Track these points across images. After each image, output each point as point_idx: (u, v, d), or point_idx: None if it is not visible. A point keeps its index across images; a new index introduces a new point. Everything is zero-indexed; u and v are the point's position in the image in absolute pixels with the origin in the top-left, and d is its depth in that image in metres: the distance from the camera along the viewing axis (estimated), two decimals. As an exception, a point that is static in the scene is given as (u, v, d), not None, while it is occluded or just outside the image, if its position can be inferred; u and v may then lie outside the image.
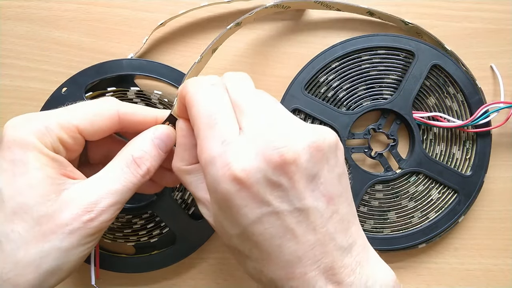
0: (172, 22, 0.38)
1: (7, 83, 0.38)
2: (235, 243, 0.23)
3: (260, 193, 0.21)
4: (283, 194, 0.21)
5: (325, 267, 0.22)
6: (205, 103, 0.23)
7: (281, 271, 0.22)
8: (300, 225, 0.22)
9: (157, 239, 0.37)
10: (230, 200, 0.21)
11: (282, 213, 0.21)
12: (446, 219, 0.38)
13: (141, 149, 0.26)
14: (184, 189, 0.37)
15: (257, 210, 0.21)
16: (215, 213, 0.23)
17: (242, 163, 0.21)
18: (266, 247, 0.22)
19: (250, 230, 0.22)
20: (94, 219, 0.24)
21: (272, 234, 0.22)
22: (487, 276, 0.39)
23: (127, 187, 0.26)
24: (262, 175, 0.21)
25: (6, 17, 0.38)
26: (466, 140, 0.39)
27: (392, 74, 0.38)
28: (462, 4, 0.40)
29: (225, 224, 0.23)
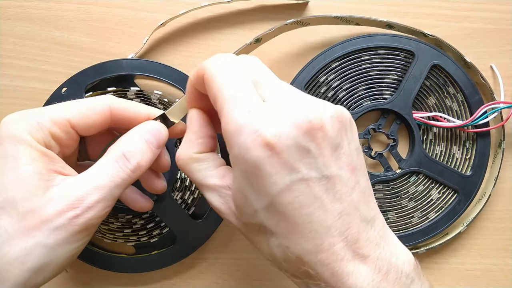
0: (172, 22, 0.38)
1: (7, 83, 0.38)
2: (260, 218, 0.22)
3: (290, 159, 0.21)
4: (311, 160, 0.21)
5: (352, 238, 0.22)
6: (228, 75, 0.23)
7: (309, 244, 0.22)
8: (328, 193, 0.22)
9: (157, 239, 0.37)
10: (260, 167, 0.21)
11: (311, 180, 0.21)
12: (446, 219, 0.38)
13: (131, 144, 0.26)
14: (184, 189, 0.37)
15: (287, 177, 0.21)
16: (239, 187, 0.23)
17: (272, 129, 0.21)
18: (295, 218, 0.21)
19: (279, 200, 0.21)
20: (79, 216, 0.24)
21: (301, 203, 0.21)
22: (487, 276, 0.39)
23: (115, 182, 0.25)
24: (292, 140, 0.21)
25: (6, 17, 0.38)
26: (466, 140, 0.39)
27: (392, 74, 0.38)
28: (462, 4, 0.40)
29: (252, 197, 0.22)
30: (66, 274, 0.38)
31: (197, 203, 0.37)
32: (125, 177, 0.25)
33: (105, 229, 0.37)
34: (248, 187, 0.22)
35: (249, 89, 0.23)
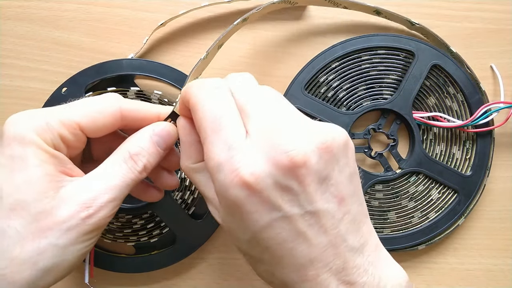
0: (172, 22, 0.38)
1: (7, 83, 0.38)
2: (245, 248, 0.23)
3: (270, 198, 0.21)
4: (293, 198, 0.21)
5: (337, 268, 0.22)
6: (209, 107, 0.23)
7: (293, 274, 0.22)
8: (312, 228, 0.21)
9: (157, 239, 0.37)
10: (239, 206, 0.21)
11: (293, 217, 0.21)
12: (446, 219, 0.38)
13: (138, 145, 0.26)
14: (184, 189, 0.37)
15: (268, 215, 0.21)
16: (224, 218, 0.23)
17: (251, 168, 0.21)
18: (278, 251, 0.22)
19: (260, 236, 0.22)
20: (92, 216, 0.24)
21: (284, 238, 0.21)
22: (487, 276, 0.39)
23: (126, 182, 0.25)
24: (271, 179, 0.21)
25: (6, 17, 0.38)
26: (466, 140, 0.39)
27: (392, 74, 0.38)
28: (462, 4, 0.40)
29: (235, 229, 0.23)
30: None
31: (197, 203, 0.37)
32: (134, 177, 0.26)
33: (105, 229, 0.37)
34: (231, 220, 0.23)
35: (231, 122, 0.22)
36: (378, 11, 0.38)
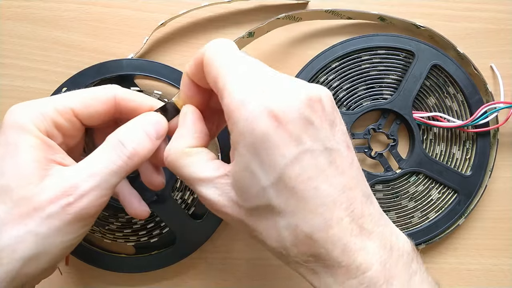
0: (172, 22, 0.38)
1: (7, 83, 0.38)
2: (268, 197, 0.22)
3: (296, 130, 0.21)
4: (315, 132, 0.22)
5: (357, 213, 0.22)
6: (228, 53, 0.23)
7: (318, 219, 0.21)
8: (331, 166, 0.22)
9: (157, 239, 0.37)
10: (268, 139, 0.21)
11: (316, 152, 0.22)
12: (446, 219, 0.38)
13: (127, 132, 0.26)
14: (184, 189, 0.37)
15: (294, 149, 0.21)
16: (246, 165, 0.22)
17: (278, 101, 0.21)
18: (303, 192, 0.21)
19: (287, 173, 0.21)
20: (72, 204, 0.23)
21: (309, 176, 0.21)
22: (487, 276, 0.39)
23: (111, 169, 0.24)
24: (297, 113, 0.21)
25: (6, 17, 0.38)
26: (466, 140, 0.39)
27: (392, 74, 0.38)
28: (462, 4, 0.40)
29: (260, 173, 0.22)
30: (66, 274, 0.38)
31: (197, 203, 0.37)
32: (121, 163, 0.25)
33: (105, 229, 0.37)
34: (256, 162, 0.22)
35: (251, 65, 0.23)
36: (383, 18, 0.38)
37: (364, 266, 0.21)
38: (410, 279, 0.22)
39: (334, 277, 0.22)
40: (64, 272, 0.38)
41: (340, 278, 0.22)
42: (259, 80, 0.22)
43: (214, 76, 0.23)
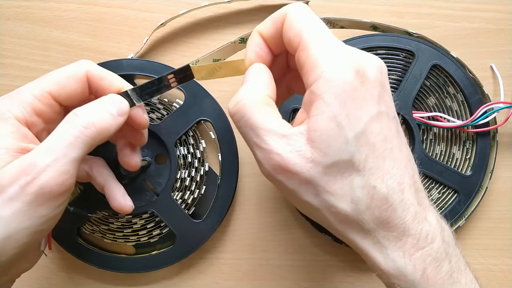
0: (172, 22, 0.38)
1: (7, 83, 0.38)
2: (351, 151, 0.21)
3: (376, 90, 0.23)
4: (387, 99, 0.23)
5: (418, 186, 0.23)
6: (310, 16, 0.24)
7: (394, 181, 0.22)
8: (399, 135, 0.23)
9: (157, 239, 0.37)
10: (356, 89, 0.22)
11: (390, 116, 0.23)
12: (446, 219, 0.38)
13: (86, 106, 0.25)
14: (184, 189, 0.37)
15: (376, 106, 0.22)
16: (332, 114, 0.22)
17: (365, 60, 0.23)
18: (381, 151, 0.22)
19: (370, 128, 0.22)
20: (31, 183, 0.22)
21: (386, 136, 0.22)
22: (488, 276, 0.39)
23: (67, 141, 0.24)
24: (377, 76, 0.23)
25: (6, 17, 0.38)
26: (466, 140, 0.39)
27: (392, 74, 0.38)
28: (462, 4, 0.40)
29: (345, 124, 0.21)
30: (66, 274, 0.38)
31: (197, 203, 0.37)
32: (77, 133, 0.24)
33: (105, 229, 0.37)
34: (343, 112, 0.22)
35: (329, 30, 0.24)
36: (375, 26, 0.38)
37: (431, 237, 0.22)
38: (458, 260, 0.23)
39: (403, 249, 0.22)
40: (64, 272, 0.38)
41: (409, 249, 0.22)
42: (339, 41, 0.24)
43: (299, 30, 0.24)
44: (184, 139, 0.37)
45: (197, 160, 0.37)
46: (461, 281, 0.22)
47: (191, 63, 0.29)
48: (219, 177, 0.37)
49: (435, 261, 0.22)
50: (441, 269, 0.22)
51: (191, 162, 0.37)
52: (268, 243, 0.39)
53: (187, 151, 0.37)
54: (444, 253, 0.22)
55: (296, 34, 0.24)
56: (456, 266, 0.23)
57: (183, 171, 0.37)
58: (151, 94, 0.27)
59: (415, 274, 0.22)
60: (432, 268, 0.22)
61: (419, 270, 0.22)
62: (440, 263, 0.22)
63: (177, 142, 0.37)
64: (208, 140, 0.38)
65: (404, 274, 0.22)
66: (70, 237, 0.36)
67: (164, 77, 0.27)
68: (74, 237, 0.36)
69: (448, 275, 0.22)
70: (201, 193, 0.37)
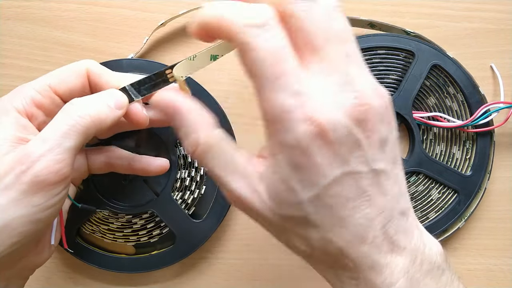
0: (172, 22, 0.38)
1: (7, 83, 0.38)
2: (305, 211, 0.21)
3: (341, 150, 0.20)
4: (361, 153, 0.20)
5: (391, 231, 0.22)
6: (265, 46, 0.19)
7: (352, 237, 0.21)
8: (373, 188, 0.21)
9: (157, 239, 0.37)
10: (310, 157, 0.20)
11: (360, 174, 0.21)
12: (446, 219, 0.38)
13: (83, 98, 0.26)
14: (184, 189, 0.37)
15: (338, 169, 0.20)
16: (283, 177, 0.21)
17: (326, 116, 0.19)
18: (341, 212, 0.21)
19: (326, 192, 0.20)
20: (26, 172, 0.23)
21: (349, 196, 0.21)
22: (488, 276, 0.39)
23: (61, 130, 0.24)
24: (345, 131, 0.20)
25: (6, 17, 0.38)
26: (466, 140, 0.39)
27: (392, 74, 0.38)
28: (462, 4, 0.40)
29: (297, 188, 0.21)
30: (66, 274, 0.38)
31: (197, 203, 0.37)
32: (72, 122, 0.24)
33: (105, 229, 0.37)
34: (294, 177, 0.20)
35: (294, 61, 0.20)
36: (373, 24, 0.38)
37: (389, 281, 0.21)
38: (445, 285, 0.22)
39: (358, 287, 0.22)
40: (64, 272, 0.38)
41: None
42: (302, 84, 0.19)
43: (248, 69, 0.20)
44: (184, 139, 0.37)
45: (197, 160, 0.37)
46: None
47: (188, 59, 0.29)
48: (219, 177, 0.37)
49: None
50: None
51: (191, 162, 0.37)
52: (268, 243, 0.39)
53: (187, 151, 0.37)
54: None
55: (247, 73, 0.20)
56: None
57: (183, 171, 0.37)
58: (149, 89, 0.28)
59: None
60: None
61: None
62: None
63: (177, 142, 0.37)
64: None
65: None
66: (70, 237, 0.36)
67: (161, 72, 0.27)
68: (74, 237, 0.37)
69: None
70: (201, 193, 0.37)
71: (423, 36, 0.38)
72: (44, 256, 0.28)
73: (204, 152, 0.22)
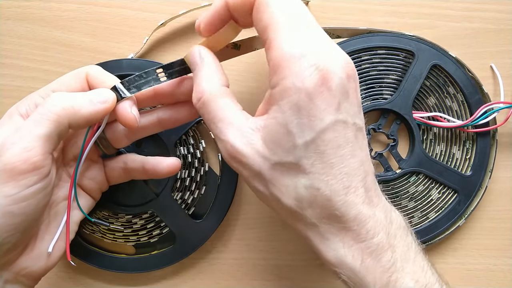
0: (172, 22, 0.38)
1: (7, 83, 0.38)
2: (298, 156, 0.23)
3: (337, 98, 0.22)
4: (348, 105, 0.23)
5: (368, 186, 0.24)
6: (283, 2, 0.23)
7: (339, 185, 0.23)
8: (355, 140, 0.23)
9: (157, 239, 0.37)
10: (313, 100, 0.22)
11: (347, 124, 0.23)
12: (446, 219, 0.38)
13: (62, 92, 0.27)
14: (184, 189, 0.37)
15: (332, 116, 0.22)
16: (284, 121, 0.22)
17: (329, 65, 0.22)
18: (331, 158, 0.22)
19: (322, 136, 0.22)
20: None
21: (338, 144, 0.22)
22: (487, 276, 0.39)
23: (33, 119, 0.25)
24: (341, 81, 0.22)
25: (6, 17, 0.38)
26: (466, 140, 0.39)
27: (392, 74, 0.38)
28: (462, 4, 0.40)
29: (296, 131, 0.22)
30: (66, 274, 0.38)
31: (197, 203, 0.37)
32: (43, 111, 0.25)
33: (105, 229, 0.37)
34: (295, 120, 0.22)
35: (304, 20, 0.23)
36: (372, 32, 0.38)
37: (372, 232, 0.23)
38: (408, 249, 0.24)
39: (343, 241, 0.23)
40: (64, 272, 0.38)
41: (349, 241, 0.23)
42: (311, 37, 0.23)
43: (264, 23, 0.23)
44: (184, 139, 0.37)
45: (197, 160, 0.37)
46: (406, 270, 0.24)
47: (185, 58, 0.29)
48: (219, 177, 0.37)
49: (374, 252, 0.23)
50: (381, 259, 0.23)
51: (191, 162, 0.37)
52: (268, 243, 0.39)
53: (187, 151, 0.37)
54: (387, 245, 0.23)
55: (261, 25, 0.24)
56: (401, 256, 0.24)
57: (183, 171, 0.37)
58: (139, 87, 0.28)
59: (354, 263, 0.23)
60: (371, 258, 0.23)
61: (357, 259, 0.23)
62: (380, 254, 0.23)
63: (177, 142, 0.37)
64: (208, 140, 0.38)
65: (344, 262, 0.23)
66: (70, 237, 0.36)
67: (152, 70, 0.28)
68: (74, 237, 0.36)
69: (390, 264, 0.23)
70: (201, 193, 0.37)
71: (423, 38, 0.38)
72: (40, 264, 0.28)
73: (207, 102, 0.25)
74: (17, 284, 0.27)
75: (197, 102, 0.25)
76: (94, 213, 0.36)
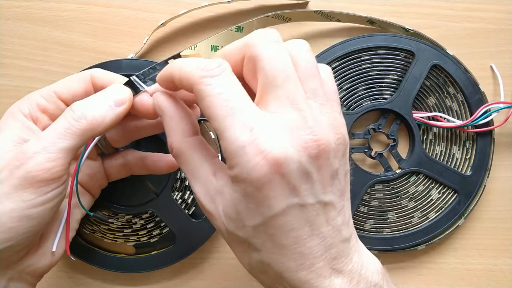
0: (172, 22, 0.38)
1: (7, 83, 0.38)
2: (247, 235, 0.22)
3: (291, 183, 0.21)
4: (310, 186, 0.21)
5: (331, 257, 0.22)
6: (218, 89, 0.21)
7: (291, 263, 0.22)
8: (318, 218, 0.22)
9: (157, 239, 0.37)
10: (260, 189, 0.21)
11: (306, 205, 0.21)
12: (446, 219, 0.38)
13: (84, 99, 0.27)
14: (184, 189, 0.37)
15: (285, 201, 0.21)
16: (234, 202, 0.22)
17: (278, 150, 0.20)
18: (283, 240, 0.22)
19: (271, 223, 0.21)
20: (19, 167, 0.24)
21: (292, 227, 0.21)
22: (488, 276, 0.39)
23: (57, 131, 0.25)
24: (297, 164, 0.20)
25: (6, 17, 0.38)
26: (466, 140, 0.39)
27: (392, 74, 0.38)
28: (462, 4, 0.40)
29: (244, 214, 0.22)
30: (66, 273, 0.38)
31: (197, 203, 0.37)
32: (67, 125, 0.25)
33: (105, 229, 0.37)
34: (243, 204, 0.22)
35: (247, 100, 0.21)
36: (372, 21, 0.39)
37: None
38: None
39: None
40: (64, 272, 0.38)
41: None
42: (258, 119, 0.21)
43: (206, 110, 0.22)
44: (184, 139, 0.37)
45: (197, 160, 0.37)
46: None
47: (190, 48, 0.29)
48: (219, 177, 0.37)
49: None
50: None
51: (191, 162, 0.37)
52: (268, 243, 0.39)
53: (187, 151, 0.37)
54: None
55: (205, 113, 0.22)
56: None
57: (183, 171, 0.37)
58: (154, 79, 0.28)
59: None
60: None
61: None
62: None
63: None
64: (208, 140, 0.38)
65: None
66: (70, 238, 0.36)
67: (163, 62, 0.28)
68: (74, 237, 0.36)
69: None
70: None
71: (422, 33, 0.38)
72: (45, 262, 0.28)
73: (176, 155, 0.25)
74: (21, 281, 0.28)
75: (171, 153, 0.25)
76: (94, 212, 0.36)
